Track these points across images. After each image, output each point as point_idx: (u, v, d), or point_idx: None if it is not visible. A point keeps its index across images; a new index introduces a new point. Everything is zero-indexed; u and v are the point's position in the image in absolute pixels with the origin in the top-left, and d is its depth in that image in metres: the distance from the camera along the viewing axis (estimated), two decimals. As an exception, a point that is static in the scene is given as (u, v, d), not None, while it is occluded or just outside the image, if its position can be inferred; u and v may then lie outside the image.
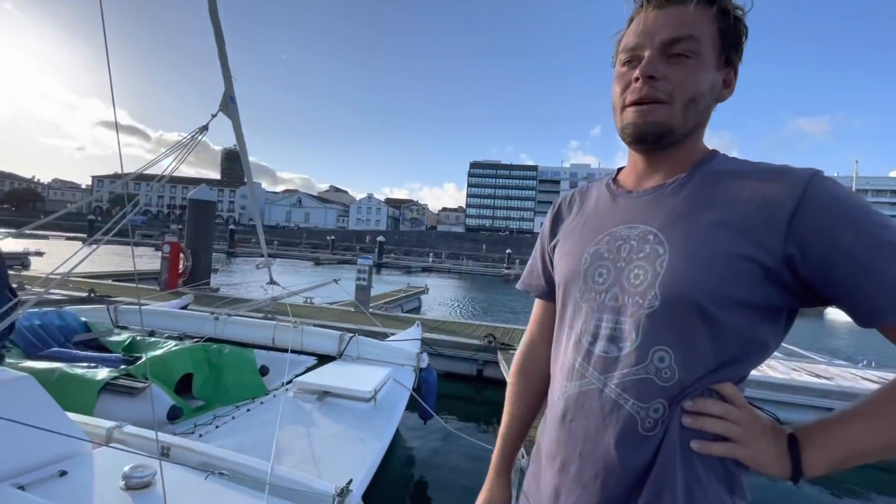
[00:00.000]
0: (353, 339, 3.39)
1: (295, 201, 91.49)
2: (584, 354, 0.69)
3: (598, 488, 0.65)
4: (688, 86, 0.64)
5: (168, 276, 10.03)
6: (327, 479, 1.73)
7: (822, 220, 0.56)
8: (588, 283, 0.71)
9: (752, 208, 0.60)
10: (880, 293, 0.53)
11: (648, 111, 0.66)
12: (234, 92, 3.48)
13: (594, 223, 0.76)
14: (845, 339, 15.85)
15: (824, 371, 6.00)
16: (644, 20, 0.67)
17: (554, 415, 0.74)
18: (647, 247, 0.65)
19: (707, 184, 0.65)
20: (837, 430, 0.59)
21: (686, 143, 0.69)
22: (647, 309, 0.62)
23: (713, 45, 0.66)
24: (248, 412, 2.52)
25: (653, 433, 0.62)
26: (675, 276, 0.61)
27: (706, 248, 0.60)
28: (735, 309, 0.59)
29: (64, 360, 2.59)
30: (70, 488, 1.53)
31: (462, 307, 16.66)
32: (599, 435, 0.65)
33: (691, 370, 0.61)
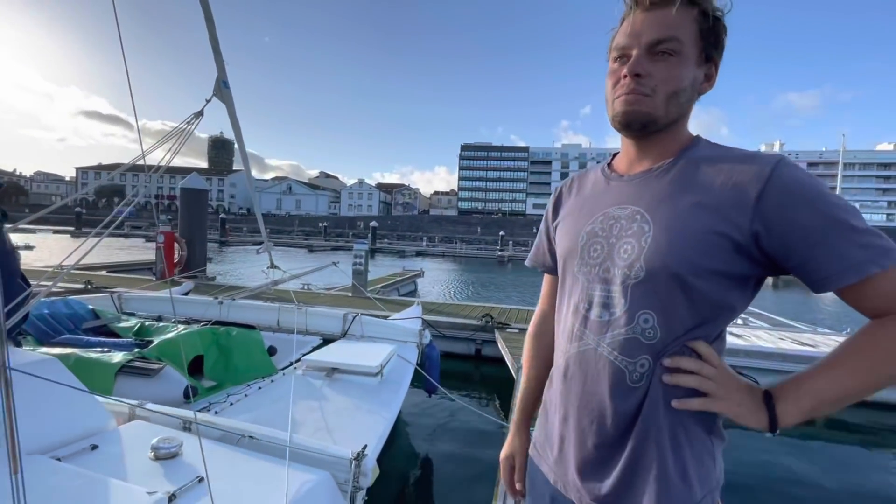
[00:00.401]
0: (356, 318, 3.48)
1: (285, 189, 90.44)
2: (582, 320, 0.79)
3: (594, 432, 0.76)
4: (670, 81, 0.73)
5: (164, 266, 10.04)
6: (343, 447, 1.83)
7: (783, 202, 0.65)
8: (584, 257, 0.81)
9: (726, 190, 0.69)
10: (829, 264, 0.63)
11: (634, 101, 0.74)
12: (227, 77, 3.47)
13: (590, 205, 0.85)
14: (830, 310, 16.27)
15: (809, 339, 6.23)
16: (633, 22, 0.75)
17: (557, 373, 0.85)
18: (635, 225, 0.75)
19: (689, 168, 0.74)
20: (806, 383, 0.67)
21: (670, 131, 0.78)
22: (634, 279, 0.72)
23: (694, 44, 0.73)
24: (260, 390, 2.61)
25: (639, 384, 0.72)
26: (657, 250, 0.71)
27: (685, 226, 0.70)
28: (709, 278, 0.69)
29: (76, 346, 2.65)
30: (103, 460, 1.61)
31: (458, 289, 16.82)
32: (594, 387, 0.76)
33: (671, 330, 0.71)
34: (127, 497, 1.29)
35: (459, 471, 3.38)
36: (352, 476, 1.71)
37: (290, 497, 1.46)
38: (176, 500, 1.39)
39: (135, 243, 27.98)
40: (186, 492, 1.45)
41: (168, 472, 1.58)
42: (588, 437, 0.77)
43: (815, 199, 0.64)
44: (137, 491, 1.32)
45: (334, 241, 45.19)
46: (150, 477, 1.53)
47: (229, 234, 40.38)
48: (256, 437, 1.81)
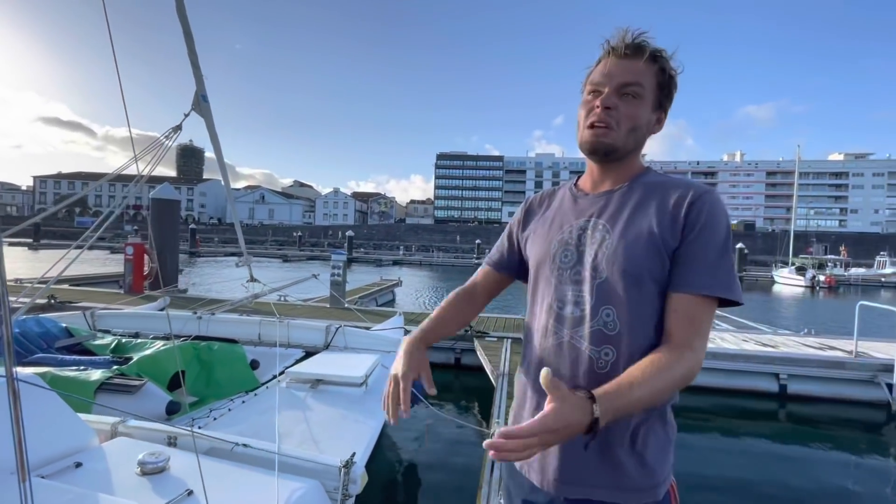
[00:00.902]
0: (339, 330, 3.49)
1: (258, 197, 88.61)
2: (555, 317, 0.91)
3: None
4: (631, 118, 0.90)
5: (133, 279, 9.70)
6: (331, 456, 1.86)
7: (692, 222, 0.84)
8: (557, 263, 0.94)
9: (665, 211, 0.86)
10: (681, 272, 0.83)
11: (601, 133, 0.89)
12: (206, 90, 3.48)
13: (560, 218, 0.99)
14: (790, 311, 17.10)
15: (770, 340, 6.58)
16: (608, 65, 0.91)
17: (531, 364, 0.96)
18: (598, 234, 0.90)
19: (641, 191, 0.91)
20: (622, 397, 0.72)
21: (628, 160, 0.95)
22: (598, 280, 0.87)
23: (652, 92, 0.91)
24: (244, 404, 2.59)
25: (605, 371, 0.84)
26: (615, 256, 0.86)
27: (636, 236, 0.86)
28: (652, 279, 0.85)
29: (50, 365, 2.58)
30: (89, 477, 1.58)
31: (437, 298, 16.85)
32: (567, 374, 0.87)
33: (628, 322, 0.85)
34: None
35: (444, 477, 3.43)
36: (341, 484, 1.72)
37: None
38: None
39: (98, 255, 26.84)
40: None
41: (156, 486, 1.56)
42: None
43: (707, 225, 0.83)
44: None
45: (309, 250, 44.50)
46: (138, 492, 1.51)
47: (200, 245, 39.20)
48: (245, 446, 1.81)
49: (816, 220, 77.63)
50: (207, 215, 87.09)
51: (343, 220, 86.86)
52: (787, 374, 5.53)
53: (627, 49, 0.89)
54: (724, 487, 3.52)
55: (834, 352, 5.87)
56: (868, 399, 5.34)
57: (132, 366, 2.55)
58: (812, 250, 41.37)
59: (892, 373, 5.16)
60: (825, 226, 76.53)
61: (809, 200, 77.28)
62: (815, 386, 5.51)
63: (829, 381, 5.48)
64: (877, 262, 34.31)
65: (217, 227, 71.79)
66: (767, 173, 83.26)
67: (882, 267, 33.13)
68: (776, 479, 3.65)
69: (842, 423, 5.08)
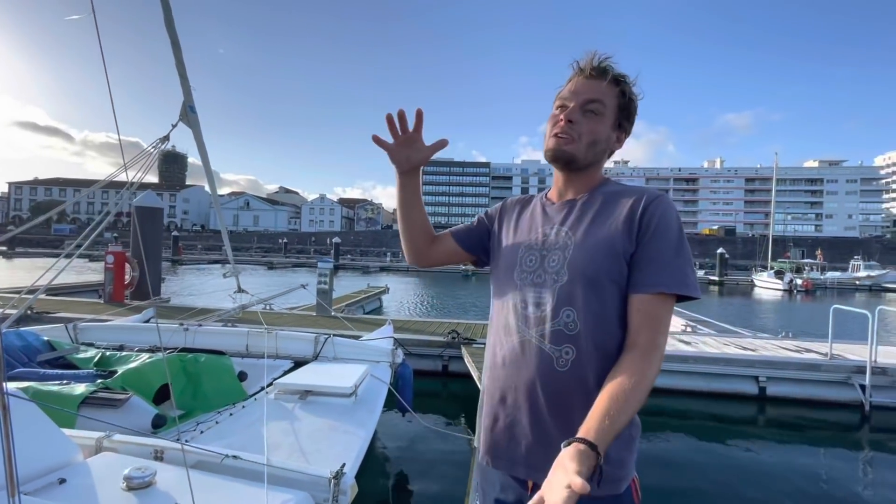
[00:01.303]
0: (328, 340, 3.49)
1: (242, 204, 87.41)
2: (519, 317, 0.97)
3: (527, 409, 0.93)
4: (591, 132, 0.97)
5: (113, 288, 9.50)
6: (320, 467, 1.86)
7: (646, 226, 0.90)
8: (522, 266, 1.00)
9: (621, 218, 0.93)
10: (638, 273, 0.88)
11: (564, 143, 0.97)
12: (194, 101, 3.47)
13: (529, 224, 1.07)
14: (769, 315, 17.52)
15: (750, 344, 6.74)
16: (575, 83, 0.99)
17: (495, 363, 1.02)
18: (561, 240, 0.97)
19: (600, 200, 0.99)
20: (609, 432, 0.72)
21: (588, 172, 1.02)
22: (559, 283, 0.93)
23: (613, 112, 0.99)
24: (231, 416, 2.57)
25: (565, 369, 0.89)
26: (576, 260, 0.92)
27: (596, 243, 0.92)
28: (610, 282, 0.90)
29: (32, 379, 2.53)
30: (73, 493, 1.56)
31: (424, 305, 16.85)
32: (528, 372, 0.93)
33: (587, 323, 0.90)
34: None
35: (433, 484, 3.45)
36: (331, 495, 1.72)
37: None
38: None
39: (76, 263, 26.17)
40: None
41: (143, 501, 1.53)
42: (522, 413, 0.93)
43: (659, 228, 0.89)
44: None
45: (295, 257, 44.07)
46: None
47: (182, 253, 38.52)
48: (235, 458, 1.79)
49: (794, 225, 79.81)
50: (190, 222, 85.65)
51: (329, 226, 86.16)
52: (766, 376, 5.68)
53: (593, 70, 0.97)
54: (704, 489, 3.60)
55: (810, 354, 6.05)
56: (842, 400, 5.51)
57: (117, 379, 2.51)
58: (790, 255, 42.52)
59: (865, 374, 5.35)
60: (802, 230, 78.70)
61: (787, 206, 79.49)
62: (792, 388, 5.67)
63: (806, 382, 5.65)
64: (851, 265, 35.38)
65: (200, 233, 70.63)
66: (746, 179, 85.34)
67: (856, 270, 34.17)
68: (754, 480, 3.75)
69: (818, 423, 5.23)
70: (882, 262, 41.27)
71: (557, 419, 0.90)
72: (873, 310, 5.44)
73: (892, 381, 5.39)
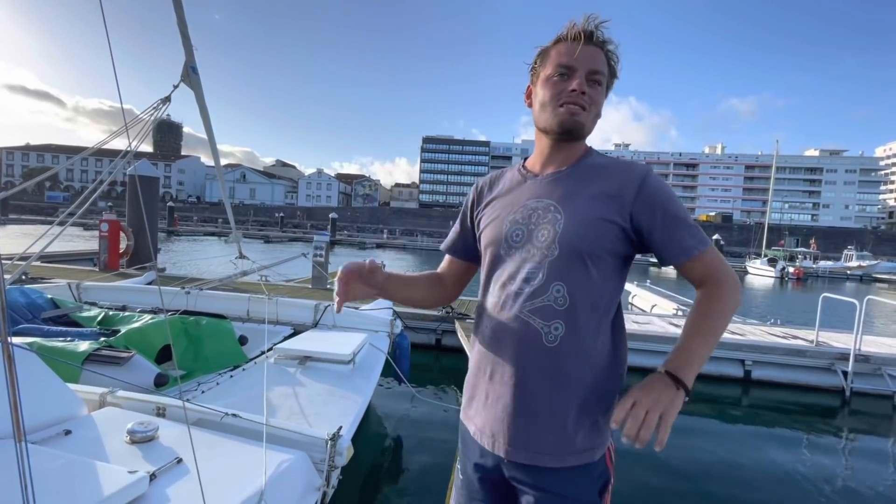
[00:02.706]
0: (328, 308, 3.53)
1: (239, 176, 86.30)
2: (507, 293, 0.96)
3: (514, 384, 0.93)
4: (597, 103, 0.97)
5: (108, 256, 9.47)
6: (318, 429, 1.88)
7: (649, 202, 0.91)
8: (509, 242, 0.98)
9: (613, 190, 0.93)
10: (671, 247, 0.91)
11: (577, 112, 0.94)
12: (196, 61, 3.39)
13: (510, 199, 1.03)
14: (760, 301, 17.79)
15: (738, 329, 6.87)
16: (578, 50, 0.94)
17: (483, 338, 1.01)
18: (550, 214, 0.94)
19: (587, 172, 0.97)
20: (691, 354, 0.87)
21: (580, 143, 1.01)
22: (550, 257, 0.91)
23: (606, 80, 0.98)
24: (232, 378, 2.62)
25: (554, 344, 0.90)
26: (567, 234, 0.91)
27: (587, 215, 0.91)
28: (603, 255, 0.91)
29: (36, 335, 2.56)
30: (78, 444, 1.59)
31: (419, 282, 16.89)
32: (517, 347, 0.93)
33: (578, 297, 0.90)
34: (108, 476, 1.29)
35: (424, 452, 3.56)
36: (327, 456, 1.76)
37: (268, 475, 1.50)
38: (156, 479, 1.41)
39: (70, 231, 25.92)
40: (166, 471, 1.46)
41: (146, 454, 1.58)
42: (509, 388, 0.93)
43: (667, 202, 0.92)
44: (118, 470, 1.32)
45: (291, 232, 43.91)
46: (128, 459, 1.52)
47: (178, 224, 38.27)
48: (235, 416, 1.83)
49: (790, 213, 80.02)
50: (186, 193, 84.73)
51: (326, 201, 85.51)
52: (752, 360, 5.82)
53: (597, 38, 0.94)
54: (683, 466, 3.73)
55: (797, 340, 6.18)
56: (825, 385, 5.66)
57: (120, 338, 2.55)
58: (784, 243, 42.83)
59: (848, 361, 5.49)
60: (798, 219, 78.98)
61: (785, 194, 79.47)
62: (777, 372, 5.81)
63: (791, 367, 5.79)
64: (844, 255, 35.75)
65: (196, 205, 70.03)
66: (746, 167, 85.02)
67: (848, 260, 34.54)
68: (734, 460, 3.88)
69: (800, 406, 5.39)
70: (875, 252, 41.75)
71: (544, 395, 0.91)
72: (862, 299, 5.55)
73: (873, 369, 5.54)
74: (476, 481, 1.02)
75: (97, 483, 1.26)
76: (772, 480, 3.55)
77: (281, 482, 1.55)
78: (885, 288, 27.39)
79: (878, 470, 3.96)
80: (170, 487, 1.39)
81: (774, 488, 3.43)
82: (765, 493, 3.36)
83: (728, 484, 3.46)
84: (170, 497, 1.35)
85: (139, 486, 1.30)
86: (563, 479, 0.91)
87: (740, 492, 3.34)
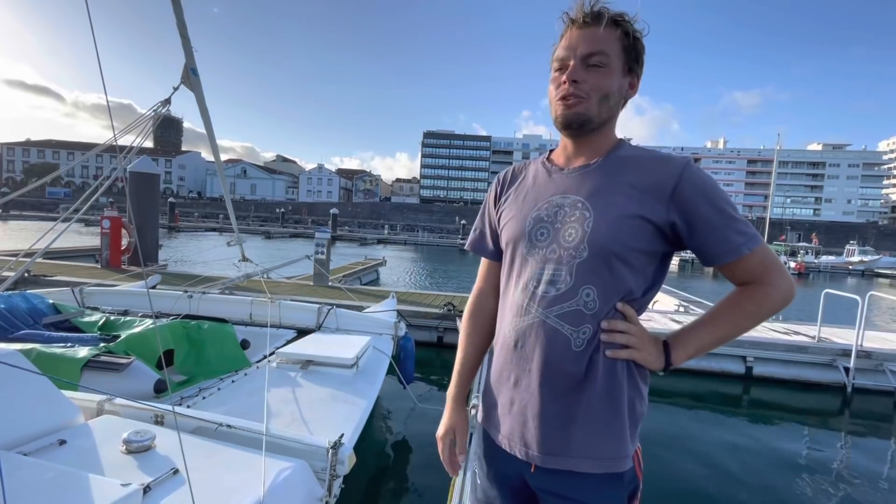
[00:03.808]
0: (331, 311, 3.52)
1: (239, 172, 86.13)
2: (531, 296, 0.90)
3: (545, 391, 0.89)
4: (600, 87, 0.88)
5: (110, 253, 9.49)
6: (319, 436, 1.84)
7: (690, 197, 0.84)
8: (532, 241, 0.92)
9: (647, 185, 0.86)
10: (717, 245, 0.84)
11: (573, 104, 0.88)
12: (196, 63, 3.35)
13: (534, 194, 0.97)
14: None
15: (741, 326, 6.85)
16: (570, 37, 0.90)
17: (506, 344, 0.96)
18: (577, 212, 0.89)
19: (617, 166, 0.90)
20: (692, 335, 0.91)
21: (602, 132, 0.93)
22: (578, 259, 0.86)
23: (619, 57, 0.89)
24: (234, 383, 2.62)
25: (582, 349, 0.86)
26: (598, 233, 0.85)
27: (618, 213, 0.85)
28: (636, 255, 0.86)
29: (37, 341, 2.56)
30: (72, 454, 1.56)
31: (420, 278, 16.94)
32: (544, 353, 0.88)
33: (608, 300, 0.86)
34: (100, 490, 1.25)
35: (427, 453, 3.54)
36: (329, 464, 1.73)
37: (267, 485, 1.47)
38: (150, 491, 1.38)
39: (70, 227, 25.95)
40: (161, 483, 1.42)
41: (141, 464, 1.54)
42: (538, 396, 0.89)
43: (711, 195, 0.84)
44: (110, 483, 1.28)
45: (292, 227, 43.91)
46: (123, 470, 1.48)
47: (179, 220, 38.27)
48: (233, 427, 1.80)
49: (792, 208, 79.71)
50: (186, 189, 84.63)
51: (327, 197, 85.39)
52: (753, 356, 5.82)
53: (587, 17, 0.88)
54: (686, 462, 3.74)
55: (798, 337, 6.17)
56: (827, 381, 5.66)
57: (120, 343, 2.54)
58: (785, 238, 42.73)
59: (850, 357, 5.48)
60: (800, 214, 78.69)
61: (787, 189, 79.13)
62: (778, 368, 5.81)
63: (792, 364, 5.79)
64: (846, 250, 35.68)
65: (197, 201, 70.01)
66: (748, 161, 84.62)
67: (850, 255, 34.46)
68: (735, 455, 3.89)
69: (801, 403, 5.39)
70: (877, 247, 41.60)
71: (574, 401, 0.88)
72: (864, 294, 5.53)
73: (875, 365, 5.53)
74: (496, 488, 1.00)
75: (88, 497, 1.22)
76: (773, 476, 3.55)
77: (281, 492, 1.51)
78: (888, 283, 27.34)
79: (879, 466, 3.97)
80: (164, 500, 1.35)
81: (775, 484, 3.44)
82: (766, 488, 3.36)
83: (729, 480, 3.46)
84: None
85: (132, 499, 1.25)
86: (594, 487, 0.88)
87: (741, 488, 3.35)
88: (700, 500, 3.21)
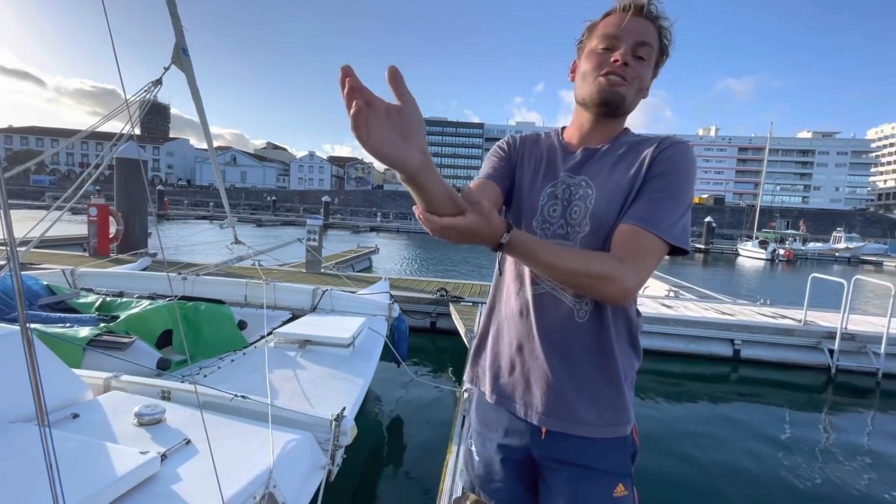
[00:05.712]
0: (326, 292, 3.56)
1: (229, 159, 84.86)
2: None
3: (545, 358, 0.94)
4: (641, 78, 0.92)
5: (98, 242, 9.37)
6: (322, 410, 1.92)
7: (657, 164, 0.89)
8: (544, 216, 0.97)
9: (637, 159, 0.91)
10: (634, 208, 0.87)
11: (617, 83, 0.90)
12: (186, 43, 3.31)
13: (549, 169, 1.01)
14: (750, 283, 18.07)
15: (728, 309, 7.01)
16: (626, 20, 0.90)
17: (510, 312, 1.01)
18: (581, 191, 0.94)
19: (622, 149, 0.96)
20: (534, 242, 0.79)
21: (620, 120, 0.98)
22: (581, 234, 0.92)
23: (656, 57, 0.94)
24: (233, 362, 2.65)
25: (585, 320, 0.92)
26: (598, 210, 0.91)
27: (617, 192, 0.91)
28: None
29: (35, 322, 2.56)
30: (87, 427, 1.61)
31: (413, 265, 16.98)
32: (548, 323, 0.94)
33: None
34: (120, 457, 1.32)
35: (422, 431, 3.65)
36: (332, 435, 1.81)
37: (275, 455, 1.54)
38: (167, 459, 1.44)
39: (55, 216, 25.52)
40: (176, 452, 1.49)
41: (155, 436, 1.60)
42: (542, 362, 0.95)
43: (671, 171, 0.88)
44: (129, 451, 1.34)
45: (284, 215, 43.60)
46: (137, 441, 1.54)
47: (168, 208, 37.83)
48: (238, 403, 1.86)
49: (782, 195, 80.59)
50: (175, 176, 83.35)
51: (319, 184, 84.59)
52: (741, 339, 5.96)
53: (645, 10, 0.90)
54: (675, 442, 3.86)
55: (785, 320, 6.33)
56: (812, 363, 5.82)
57: (120, 324, 2.56)
58: (774, 225, 43.31)
59: (835, 339, 5.64)
60: (789, 202, 79.57)
61: (777, 177, 79.89)
62: (765, 351, 5.96)
63: (779, 346, 5.94)
64: (833, 237, 36.24)
65: (186, 189, 69.09)
66: (739, 149, 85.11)
67: (837, 242, 35.04)
68: (723, 438, 4.02)
69: (787, 383, 5.55)
70: (863, 234, 42.35)
71: (574, 368, 0.93)
72: (850, 279, 5.67)
73: (858, 347, 5.70)
74: (497, 462, 1.03)
75: (110, 464, 1.28)
76: (759, 455, 3.68)
77: (288, 461, 1.59)
78: (872, 269, 27.91)
79: (860, 440, 4.13)
80: (181, 467, 1.42)
81: (761, 462, 3.57)
82: (752, 467, 3.49)
83: (717, 457, 3.59)
84: (181, 476, 1.39)
85: (151, 465, 1.32)
86: (602, 451, 0.93)
87: (728, 467, 3.47)
88: (689, 476, 3.33)
